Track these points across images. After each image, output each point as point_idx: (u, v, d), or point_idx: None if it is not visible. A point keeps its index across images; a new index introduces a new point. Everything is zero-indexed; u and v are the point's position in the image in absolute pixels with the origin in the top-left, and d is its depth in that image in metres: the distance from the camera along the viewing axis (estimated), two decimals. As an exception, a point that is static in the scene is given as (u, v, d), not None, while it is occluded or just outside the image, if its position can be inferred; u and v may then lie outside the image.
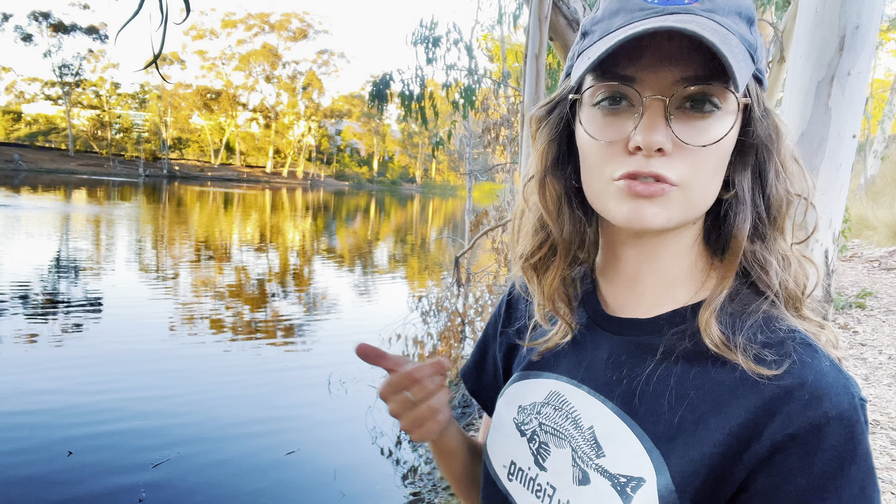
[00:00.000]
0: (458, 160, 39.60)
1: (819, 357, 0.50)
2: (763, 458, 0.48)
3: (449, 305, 5.89)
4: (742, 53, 0.50)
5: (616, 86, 0.52)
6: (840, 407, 0.47)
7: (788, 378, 0.49)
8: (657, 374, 0.55)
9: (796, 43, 1.48)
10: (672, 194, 0.51)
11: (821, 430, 0.47)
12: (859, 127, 1.44)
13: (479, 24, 8.78)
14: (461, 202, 29.47)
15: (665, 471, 0.52)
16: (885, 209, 11.16)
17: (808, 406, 0.48)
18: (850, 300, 6.33)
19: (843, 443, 0.47)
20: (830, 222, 1.46)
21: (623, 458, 0.55)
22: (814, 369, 0.49)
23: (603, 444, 0.57)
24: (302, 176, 65.35)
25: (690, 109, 0.51)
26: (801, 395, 0.48)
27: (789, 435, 0.47)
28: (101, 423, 4.31)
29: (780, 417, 0.48)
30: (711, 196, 0.54)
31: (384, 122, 67.44)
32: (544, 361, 0.67)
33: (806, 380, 0.49)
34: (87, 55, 53.80)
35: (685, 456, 0.51)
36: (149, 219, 19.51)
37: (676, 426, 0.53)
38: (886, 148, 16.51)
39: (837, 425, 0.47)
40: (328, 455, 4.18)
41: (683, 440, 0.52)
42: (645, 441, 0.54)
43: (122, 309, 7.68)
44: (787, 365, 0.50)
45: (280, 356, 6.40)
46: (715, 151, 0.52)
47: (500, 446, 0.68)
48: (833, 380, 0.49)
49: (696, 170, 0.51)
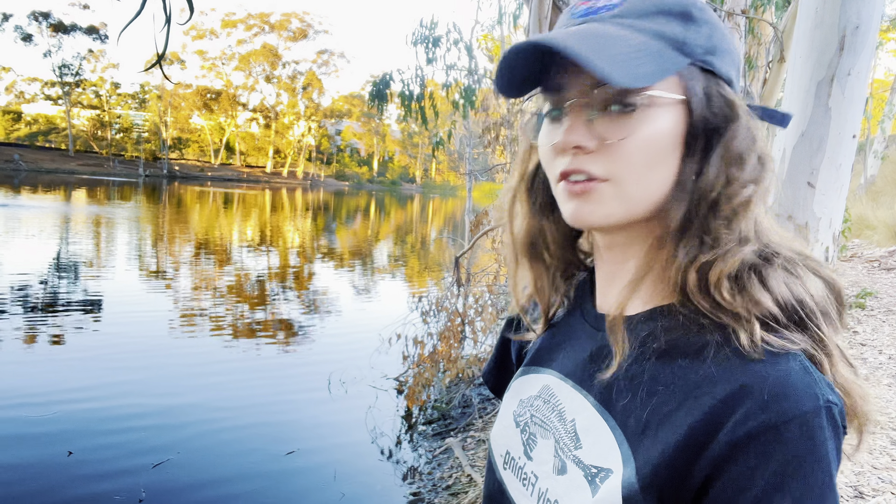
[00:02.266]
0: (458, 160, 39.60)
1: (787, 357, 0.50)
2: (723, 457, 0.48)
3: (449, 305, 5.89)
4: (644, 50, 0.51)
5: (547, 95, 0.58)
6: (801, 408, 0.47)
7: (751, 376, 0.49)
8: (633, 370, 0.56)
9: (796, 43, 1.48)
10: (603, 190, 0.54)
11: (778, 431, 0.46)
12: (859, 127, 1.44)
13: (479, 24, 8.78)
14: (461, 202, 29.48)
15: (631, 463, 0.53)
16: (885, 209, 11.16)
17: (767, 405, 0.47)
18: (850, 300, 6.33)
19: (800, 445, 0.46)
20: (830, 222, 1.46)
21: (596, 450, 0.57)
22: (778, 368, 0.49)
23: (581, 436, 0.59)
24: (302, 176, 65.34)
25: (615, 111, 0.53)
26: (761, 393, 0.48)
27: (747, 434, 0.47)
28: (100, 423, 4.31)
29: (739, 415, 0.48)
30: (654, 191, 0.55)
31: (384, 122, 67.52)
32: (542, 357, 0.70)
33: (768, 378, 0.48)
34: (87, 55, 53.82)
35: (650, 450, 0.52)
36: (149, 219, 19.51)
37: (645, 421, 0.53)
38: (886, 148, 16.51)
39: (796, 426, 0.46)
40: (328, 455, 4.18)
41: (650, 435, 0.52)
42: (617, 434, 0.55)
43: (122, 309, 7.68)
44: (745, 361, 0.50)
45: (280, 356, 6.40)
46: (639, 145, 0.53)
47: (499, 437, 0.71)
48: (798, 380, 0.48)
49: (624, 164, 0.53)
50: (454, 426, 4.66)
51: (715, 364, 0.51)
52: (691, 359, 0.53)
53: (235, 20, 59.72)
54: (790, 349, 0.50)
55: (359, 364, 5.64)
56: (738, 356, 0.51)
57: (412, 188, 72.78)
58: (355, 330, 7.48)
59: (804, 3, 1.46)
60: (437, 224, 29.45)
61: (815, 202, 1.44)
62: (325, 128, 66.75)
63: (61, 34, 51.40)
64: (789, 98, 1.49)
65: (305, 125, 64.48)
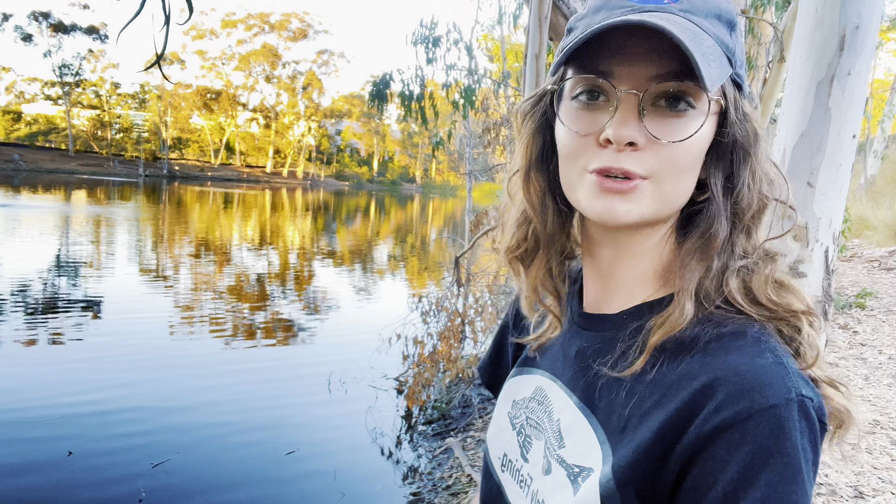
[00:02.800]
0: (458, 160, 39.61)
1: (761, 351, 0.50)
2: (694, 450, 0.48)
3: (449, 305, 5.89)
4: (716, 54, 0.51)
5: (592, 79, 0.53)
6: (771, 400, 0.46)
7: (724, 369, 0.49)
8: (616, 369, 0.56)
9: (796, 43, 1.48)
10: (644, 188, 0.53)
11: (746, 423, 0.46)
12: (859, 127, 1.44)
13: (479, 24, 8.78)
14: (461, 202, 29.46)
15: (610, 461, 0.53)
16: (885, 209, 11.15)
17: (737, 398, 0.47)
18: (850, 300, 6.33)
19: (768, 437, 0.46)
20: (830, 222, 1.45)
21: (578, 449, 0.57)
22: (749, 362, 0.49)
23: (565, 435, 0.59)
24: (302, 176, 65.33)
25: (665, 107, 0.52)
26: (732, 386, 0.47)
27: (717, 426, 0.47)
28: (100, 423, 4.31)
29: (710, 408, 0.47)
30: (684, 193, 0.55)
31: (384, 122, 67.48)
32: (535, 357, 0.70)
33: (738, 371, 0.48)
34: (87, 55, 53.81)
35: (627, 447, 0.52)
36: (149, 219, 19.51)
37: (626, 420, 0.53)
38: (886, 148, 16.50)
39: (764, 419, 0.46)
40: (328, 455, 4.18)
41: (629, 433, 0.52)
42: (599, 433, 0.55)
43: (122, 309, 7.68)
44: (722, 356, 0.50)
45: (280, 356, 6.40)
46: (686, 148, 0.52)
47: (496, 439, 0.70)
48: (770, 373, 0.48)
49: (668, 165, 0.52)
50: (454, 426, 4.66)
51: (695, 360, 0.51)
52: (673, 356, 0.53)
53: (235, 20, 59.72)
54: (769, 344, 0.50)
55: (359, 364, 5.64)
56: (717, 352, 0.50)
57: (412, 188, 72.78)
58: (355, 330, 7.48)
59: (804, 3, 1.46)
60: (437, 224, 29.44)
61: (815, 202, 1.44)
62: (325, 128, 66.73)
63: (61, 34, 51.39)
64: (789, 98, 1.49)
65: (305, 125, 64.47)
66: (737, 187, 0.55)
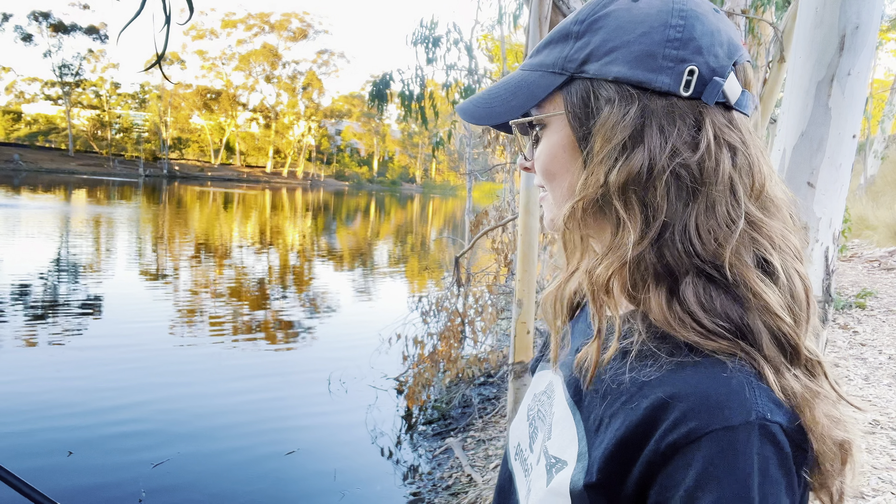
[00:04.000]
0: (458, 160, 39.58)
1: (728, 370, 0.48)
2: (654, 464, 0.48)
3: (449, 305, 5.89)
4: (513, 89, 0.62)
5: None
6: (726, 422, 0.45)
7: (683, 385, 0.48)
8: (603, 369, 0.57)
9: (796, 43, 1.48)
10: (546, 198, 0.64)
11: (698, 443, 0.45)
12: (859, 127, 1.44)
13: (479, 24, 8.77)
14: (461, 202, 29.45)
15: (585, 459, 0.54)
16: (885, 209, 11.16)
17: (691, 416, 0.46)
18: (850, 300, 6.33)
19: (717, 459, 0.45)
20: (830, 222, 1.45)
21: (560, 442, 0.59)
22: (711, 381, 0.48)
23: (553, 428, 0.62)
24: (302, 176, 65.33)
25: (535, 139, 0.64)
26: (689, 402, 0.47)
27: (672, 443, 0.47)
28: (101, 423, 4.31)
29: (666, 424, 0.47)
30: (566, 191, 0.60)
31: (384, 122, 67.46)
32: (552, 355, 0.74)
33: (697, 389, 0.47)
34: (87, 55, 53.83)
35: (598, 448, 0.53)
36: (149, 219, 19.51)
37: (600, 419, 0.54)
38: (886, 148, 16.50)
39: (715, 440, 0.45)
40: (328, 455, 4.18)
41: (601, 434, 0.53)
42: (580, 429, 0.57)
43: (122, 309, 7.68)
44: (686, 370, 0.49)
45: (280, 356, 6.40)
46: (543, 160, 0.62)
47: (515, 430, 0.74)
48: (731, 395, 0.46)
49: (539, 175, 0.63)
50: (454, 426, 4.66)
51: (662, 370, 0.50)
52: (646, 360, 0.53)
53: (235, 20, 59.72)
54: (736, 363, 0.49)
55: (359, 364, 5.64)
56: (680, 364, 0.50)
57: (412, 188, 72.79)
58: (355, 330, 7.49)
59: (804, 3, 1.46)
60: (437, 224, 29.44)
61: (815, 202, 1.44)
62: (325, 128, 66.73)
63: (61, 34, 51.40)
64: (789, 98, 1.49)
65: (305, 125, 64.47)
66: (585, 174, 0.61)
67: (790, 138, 1.46)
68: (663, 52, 0.54)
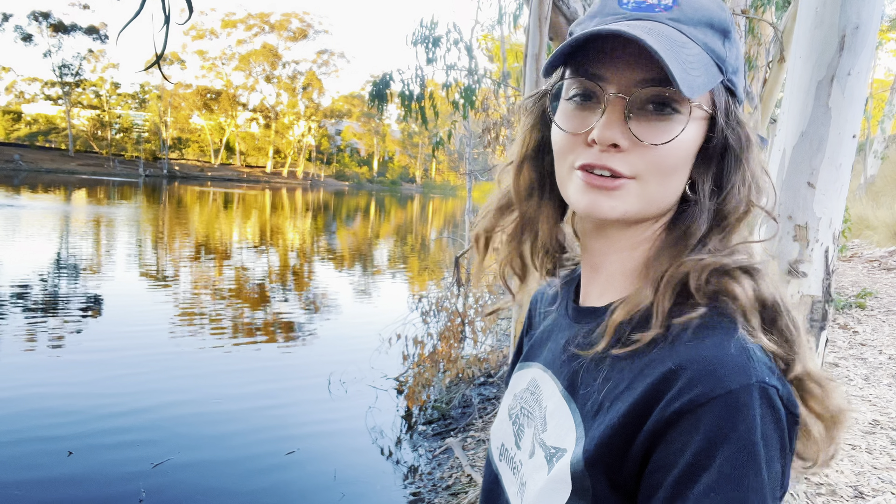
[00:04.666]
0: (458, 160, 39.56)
1: (727, 341, 0.50)
2: (657, 433, 0.49)
3: (449, 305, 5.90)
4: (700, 62, 0.53)
5: (584, 82, 0.57)
6: (728, 387, 0.47)
7: (685, 357, 0.50)
8: (597, 358, 0.58)
9: (796, 43, 1.48)
10: (629, 187, 0.56)
11: (703, 407, 0.47)
12: (859, 127, 1.44)
13: (479, 24, 8.77)
14: (461, 202, 29.43)
15: (582, 443, 0.55)
16: (885, 209, 11.16)
17: (695, 383, 0.48)
18: (850, 300, 6.33)
19: (723, 421, 0.47)
20: (830, 222, 1.45)
21: (556, 431, 0.60)
22: (712, 349, 0.50)
23: (548, 420, 0.62)
24: (302, 176, 65.31)
25: (651, 111, 0.55)
26: (693, 371, 0.49)
27: (676, 410, 0.48)
28: (101, 423, 4.31)
29: (671, 394, 0.49)
30: (671, 194, 0.58)
31: (384, 122, 67.43)
32: (532, 352, 0.74)
33: (700, 358, 0.49)
34: (87, 55, 53.79)
35: (599, 431, 0.54)
36: (149, 219, 19.51)
37: (599, 404, 0.56)
38: (886, 148, 16.50)
39: (720, 405, 0.47)
40: (328, 455, 4.18)
41: (601, 416, 0.55)
42: (576, 416, 0.58)
43: (122, 309, 7.68)
44: (689, 345, 0.51)
45: (280, 356, 6.40)
46: (670, 151, 0.55)
47: (497, 431, 0.74)
48: (730, 361, 0.49)
49: (652, 166, 0.55)
50: (454, 426, 4.66)
51: (664, 349, 0.52)
52: (647, 346, 0.54)
53: (235, 20, 59.69)
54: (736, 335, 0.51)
55: (359, 364, 5.64)
56: (684, 341, 0.52)
57: (412, 188, 72.78)
58: (355, 330, 7.48)
59: (804, 3, 1.46)
60: (437, 224, 29.44)
61: (815, 202, 1.44)
62: (325, 128, 66.71)
63: (61, 34, 51.38)
64: (789, 98, 1.49)
65: (305, 125, 64.44)
66: (724, 190, 0.58)
67: (790, 138, 1.46)
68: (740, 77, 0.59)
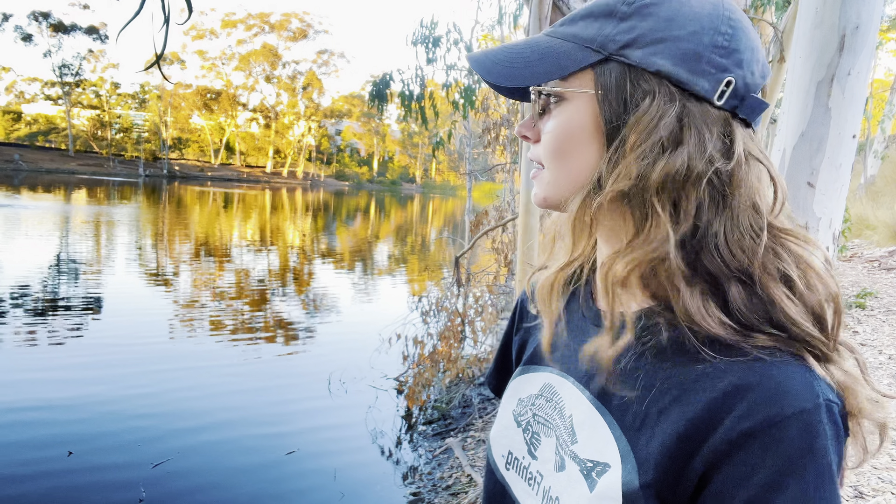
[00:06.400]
0: (458, 160, 39.57)
1: (784, 356, 0.50)
2: (721, 453, 0.48)
3: (449, 305, 5.90)
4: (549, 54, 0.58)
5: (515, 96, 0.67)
6: (800, 405, 0.47)
7: (751, 373, 0.49)
8: (631, 365, 0.56)
9: (796, 43, 1.48)
10: (542, 175, 0.61)
11: (777, 427, 0.47)
12: (859, 127, 1.44)
13: (479, 24, 8.77)
14: (461, 202, 29.45)
15: (631, 459, 0.53)
16: (885, 209, 11.15)
17: (767, 402, 0.47)
18: (850, 300, 6.33)
19: (799, 441, 0.46)
20: (830, 222, 1.45)
21: (592, 444, 0.57)
22: (779, 367, 0.49)
23: (577, 431, 0.59)
24: (302, 176, 65.32)
25: (550, 107, 0.60)
26: (761, 390, 0.48)
27: (746, 431, 0.47)
28: (101, 423, 4.31)
29: (738, 412, 0.48)
30: (573, 176, 0.58)
31: (384, 122, 67.47)
32: (541, 355, 0.70)
33: (767, 376, 0.49)
34: (87, 55, 53.80)
35: (648, 445, 0.52)
36: (149, 219, 19.51)
37: (643, 416, 0.54)
38: (886, 148, 16.49)
39: (794, 423, 0.46)
40: (328, 455, 4.18)
41: (648, 430, 0.53)
42: (614, 429, 0.56)
43: (122, 309, 7.68)
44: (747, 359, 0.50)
45: (280, 356, 6.40)
46: (555, 135, 0.58)
47: (500, 437, 0.71)
48: (798, 379, 0.48)
49: (546, 151, 0.60)
50: (454, 426, 4.66)
51: (716, 360, 0.51)
52: (689, 355, 0.53)
53: (235, 20, 59.70)
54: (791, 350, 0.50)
55: (359, 364, 5.64)
56: (739, 354, 0.51)
57: (412, 188, 72.78)
58: (355, 330, 7.48)
59: (804, 3, 1.46)
60: (437, 224, 29.44)
61: (815, 202, 1.44)
62: (325, 128, 66.73)
63: (61, 34, 51.38)
64: (789, 98, 1.49)
65: (305, 125, 64.46)
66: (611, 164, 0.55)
67: (790, 138, 1.46)
68: (709, 56, 0.53)
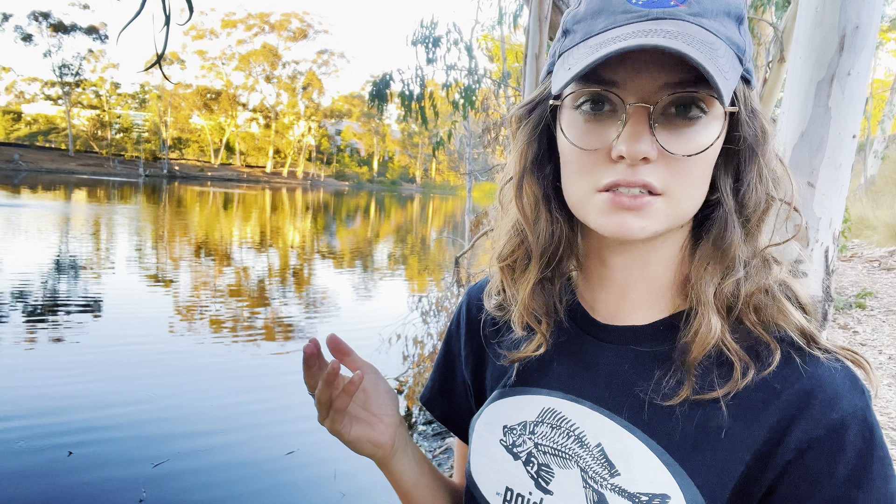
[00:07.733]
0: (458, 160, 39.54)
1: (825, 358, 0.51)
2: (790, 462, 0.49)
3: (449, 305, 5.90)
4: (729, 61, 0.48)
5: (598, 91, 0.49)
6: (856, 405, 0.49)
7: (806, 381, 0.50)
8: (665, 382, 0.53)
9: (796, 43, 1.48)
10: (657, 205, 0.49)
11: (842, 431, 0.48)
12: (859, 127, 1.44)
13: (479, 24, 8.78)
14: (461, 202, 29.44)
15: (691, 485, 0.50)
16: (885, 209, 11.15)
17: (828, 408, 0.49)
18: (850, 300, 6.32)
19: (863, 440, 0.48)
20: (830, 222, 1.45)
21: (640, 474, 0.52)
22: (826, 369, 0.50)
23: (615, 461, 0.54)
24: (302, 176, 65.32)
25: (675, 115, 0.48)
26: (820, 397, 0.49)
27: (813, 438, 0.48)
28: (101, 423, 4.31)
29: (804, 422, 0.49)
30: (697, 203, 0.52)
31: (384, 122, 67.46)
32: (529, 376, 0.62)
33: (822, 381, 0.50)
34: (87, 55, 53.81)
35: (712, 467, 0.51)
36: (149, 219, 19.51)
37: (695, 436, 0.51)
38: (886, 148, 16.49)
39: (856, 424, 0.48)
40: (328, 455, 4.18)
41: (707, 450, 0.51)
42: (662, 455, 0.52)
43: (122, 309, 7.67)
44: (799, 366, 0.51)
45: (280, 356, 6.39)
46: (701, 159, 0.49)
47: (489, 472, 0.62)
48: (848, 379, 0.50)
49: (682, 178, 0.49)
50: (454, 426, 4.66)
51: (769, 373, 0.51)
52: (731, 368, 0.51)
53: (235, 20, 59.71)
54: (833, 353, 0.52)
55: (359, 364, 5.63)
56: (789, 363, 0.51)
57: (412, 188, 72.77)
58: (355, 330, 7.47)
59: (804, 3, 1.46)
60: (437, 224, 29.43)
61: (815, 202, 1.44)
62: (325, 128, 66.73)
63: (61, 34, 51.38)
64: (789, 98, 1.49)
65: (305, 125, 64.46)
66: (743, 188, 0.53)
67: (790, 138, 1.46)
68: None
